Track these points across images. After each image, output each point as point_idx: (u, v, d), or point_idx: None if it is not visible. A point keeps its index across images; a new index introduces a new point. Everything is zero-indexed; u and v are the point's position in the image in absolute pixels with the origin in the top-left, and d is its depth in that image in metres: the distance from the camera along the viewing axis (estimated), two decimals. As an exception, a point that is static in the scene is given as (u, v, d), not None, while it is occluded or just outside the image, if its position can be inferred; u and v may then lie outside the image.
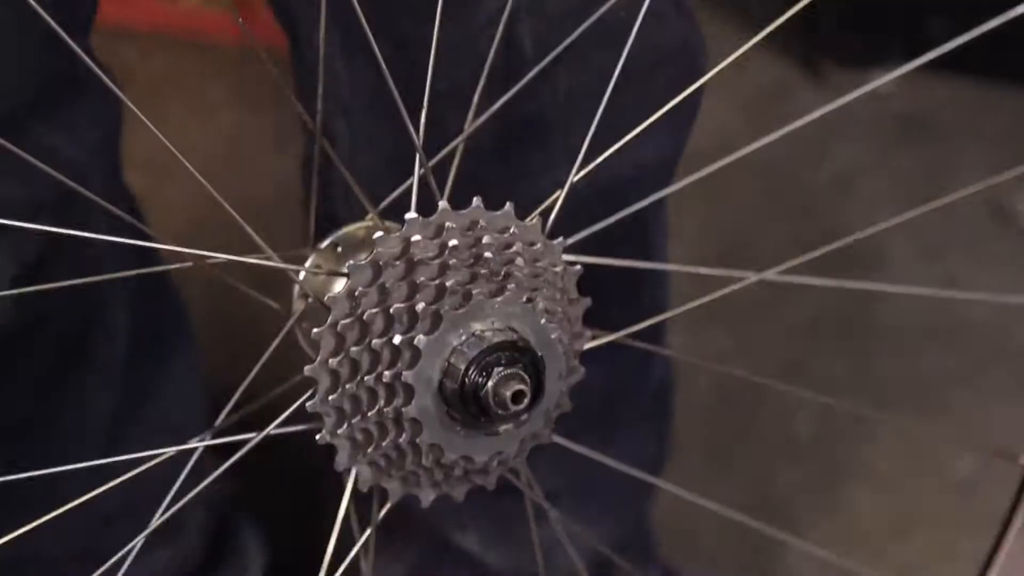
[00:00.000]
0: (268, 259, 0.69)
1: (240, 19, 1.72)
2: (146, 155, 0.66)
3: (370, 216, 0.73)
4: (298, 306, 0.73)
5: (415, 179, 0.69)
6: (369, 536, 0.71)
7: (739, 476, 1.52)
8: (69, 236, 0.74)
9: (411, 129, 0.67)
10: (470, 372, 0.62)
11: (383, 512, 0.70)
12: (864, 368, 1.65)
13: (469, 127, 0.72)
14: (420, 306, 0.63)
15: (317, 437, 0.65)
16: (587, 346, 0.70)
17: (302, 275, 0.72)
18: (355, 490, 0.68)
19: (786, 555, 1.45)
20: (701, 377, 1.63)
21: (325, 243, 0.74)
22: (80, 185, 0.94)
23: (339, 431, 0.65)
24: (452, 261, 0.63)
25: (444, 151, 0.72)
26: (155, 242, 1.04)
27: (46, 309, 0.93)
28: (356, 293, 0.63)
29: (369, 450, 0.65)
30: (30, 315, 0.91)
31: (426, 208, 0.70)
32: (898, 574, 0.98)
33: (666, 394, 1.23)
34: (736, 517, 0.73)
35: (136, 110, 0.69)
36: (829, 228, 1.80)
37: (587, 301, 0.69)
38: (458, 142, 0.72)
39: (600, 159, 0.73)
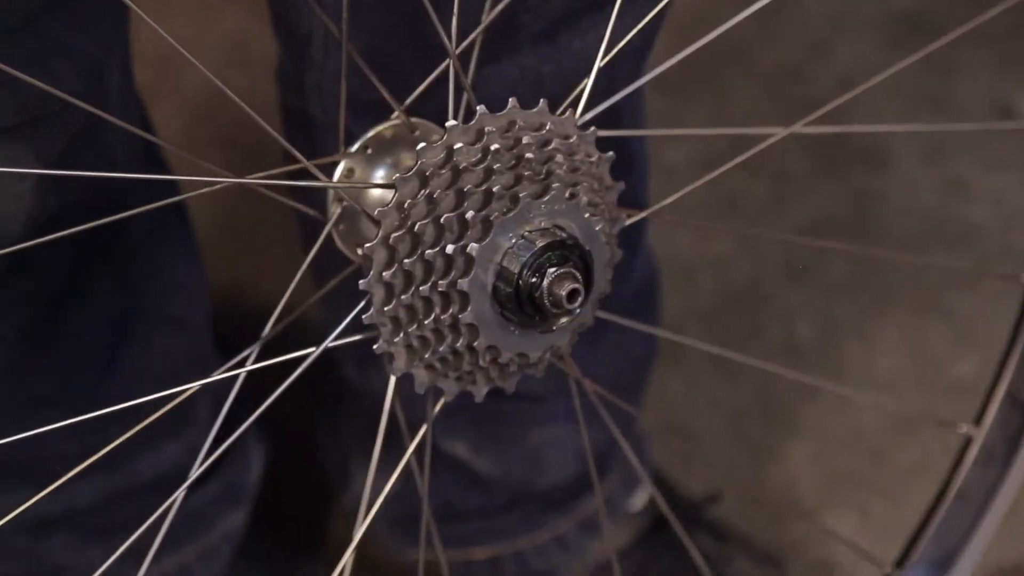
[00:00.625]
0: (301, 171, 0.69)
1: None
2: (151, 50, 0.65)
3: (396, 115, 0.73)
4: (334, 210, 0.73)
5: (451, 84, 0.69)
6: (425, 433, 0.73)
7: (740, 379, 1.53)
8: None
9: (442, 32, 0.67)
10: (524, 275, 0.64)
11: (438, 407, 0.71)
12: (866, 271, 1.65)
13: (486, 19, 0.72)
14: (469, 214, 0.63)
15: (375, 347, 0.66)
16: (626, 223, 0.71)
17: (336, 177, 0.73)
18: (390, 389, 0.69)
19: (787, 460, 1.46)
20: (702, 279, 1.63)
21: (355, 147, 0.74)
22: (99, 80, 0.94)
23: (396, 339, 0.66)
24: (496, 165, 0.64)
25: (463, 44, 0.72)
26: (168, 153, 1.04)
27: (70, 200, 0.93)
28: (405, 205, 0.63)
29: (426, 355, 0.66)
30: (54, 207, 0.91)
31: (434, 107, 0.70)
32: (899, 472, 0.99)
33: (650, 292, 1.22)
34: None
35: (139, 11, 0.69)
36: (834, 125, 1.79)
37: (620, 185, 0.70)
38: (476, 34, 0.72)
39: (621, 44, 0.73)
